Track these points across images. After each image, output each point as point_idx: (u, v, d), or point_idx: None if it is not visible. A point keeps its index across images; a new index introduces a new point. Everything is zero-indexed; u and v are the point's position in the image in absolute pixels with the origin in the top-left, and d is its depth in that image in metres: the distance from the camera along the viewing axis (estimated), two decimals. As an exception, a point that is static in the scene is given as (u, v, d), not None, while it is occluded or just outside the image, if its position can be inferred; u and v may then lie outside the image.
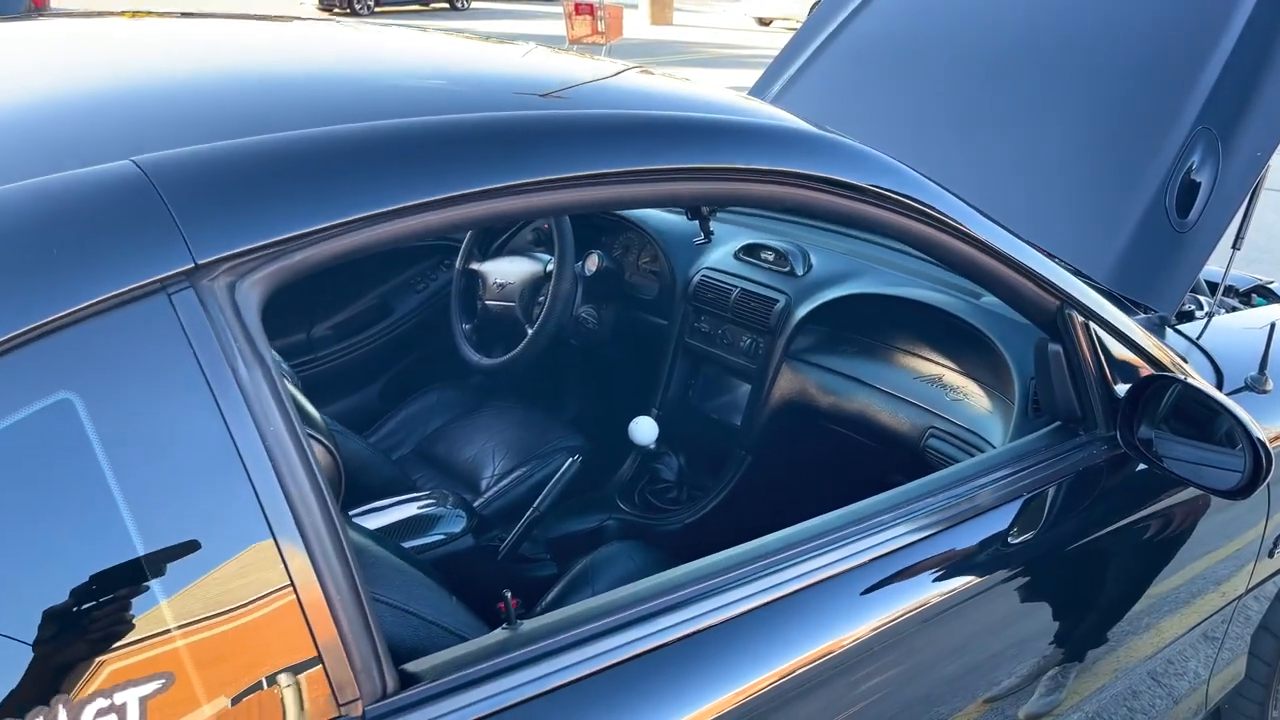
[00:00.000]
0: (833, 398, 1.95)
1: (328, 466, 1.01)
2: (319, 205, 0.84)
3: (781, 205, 1.19)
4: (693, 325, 2.25)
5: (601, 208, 1.08)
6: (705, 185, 1.10)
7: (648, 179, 1.05)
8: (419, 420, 2.47)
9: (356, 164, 0.88)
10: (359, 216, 0.86)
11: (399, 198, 0.88)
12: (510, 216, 0.96)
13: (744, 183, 1.12)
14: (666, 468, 2.25)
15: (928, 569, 1.23)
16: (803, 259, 2.14)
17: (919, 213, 1.24)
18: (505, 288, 2.33)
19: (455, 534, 1.80)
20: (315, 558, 0.79)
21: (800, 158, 1.16)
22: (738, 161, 1.10)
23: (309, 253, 0.84)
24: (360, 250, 0.88)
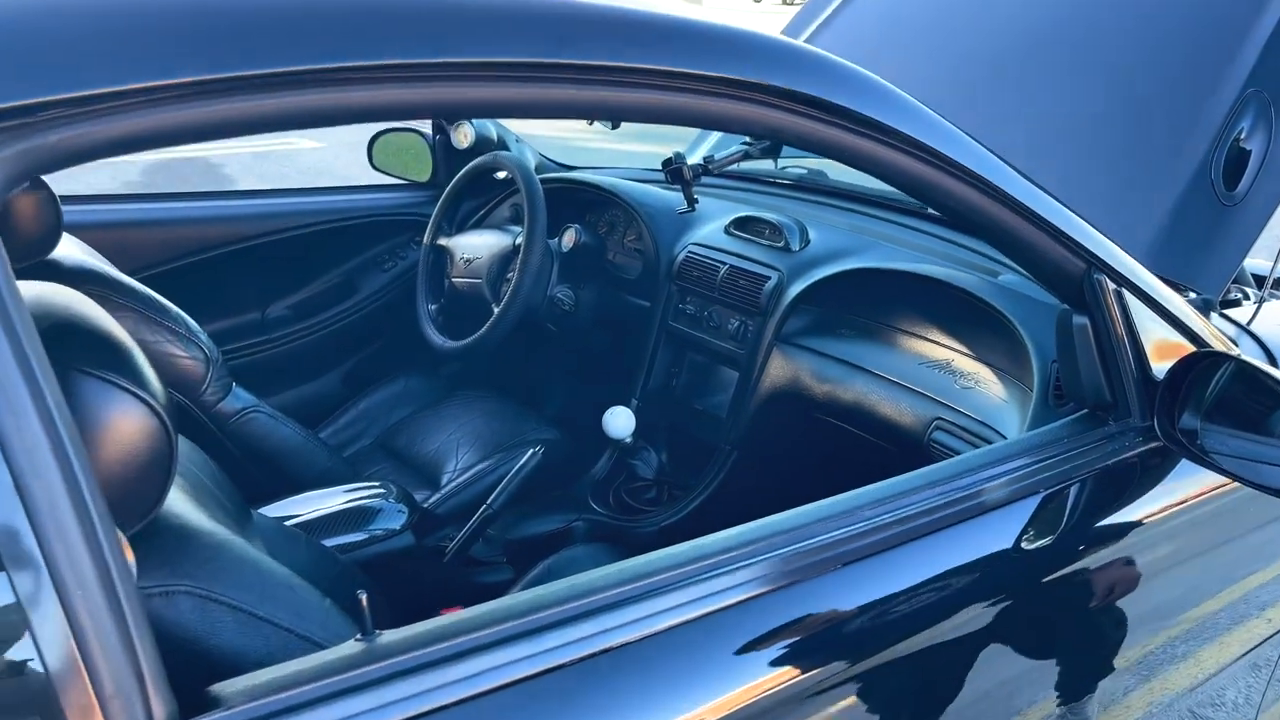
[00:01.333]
0: (828, 386, 1.73)
1: (143, 435, 0.80)
2: (92, 60, 0.63)
3: (751, 127, 0.97)
4: (677, 307, 2.03)
5: (486, 110, 0.87)
6: (645, 95, 0.89)
7: (564, 77, 0.84)
8: (381, 410, 2.27)
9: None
10: (143, 86, 0.65)
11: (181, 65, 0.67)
12: (353, 112, 0.75)
13: (698, 94, 0.91)
14: (644, 464, 2.03)
15: (923, 575, 1.00)
16: (799, 233, 1.92)
17: (921, 149, 1.02)
18: (472, 264, 2.12)
19: (394, 530, 1.59)
20: (48, 545, 0.58)
21: (780, 71, 0.94)
22: (692, 66, 0.89)
23: (70, 133, 0.63)
24: (140, 139, 0.67)
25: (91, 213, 2.01)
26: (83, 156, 0.67)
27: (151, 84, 0.66)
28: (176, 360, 1.55)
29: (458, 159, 2.39)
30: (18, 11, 0.63)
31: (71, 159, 0.66)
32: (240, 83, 0.67)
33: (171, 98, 0.67)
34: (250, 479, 1.66)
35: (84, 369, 0.79)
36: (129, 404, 0.81)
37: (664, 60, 0.89)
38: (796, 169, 2.30)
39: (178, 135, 0.70)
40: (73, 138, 0.65)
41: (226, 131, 0.69)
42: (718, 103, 0.94)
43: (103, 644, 0.59)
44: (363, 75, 0.71)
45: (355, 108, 0.72)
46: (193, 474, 1.09)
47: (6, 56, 0.61)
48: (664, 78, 0.89)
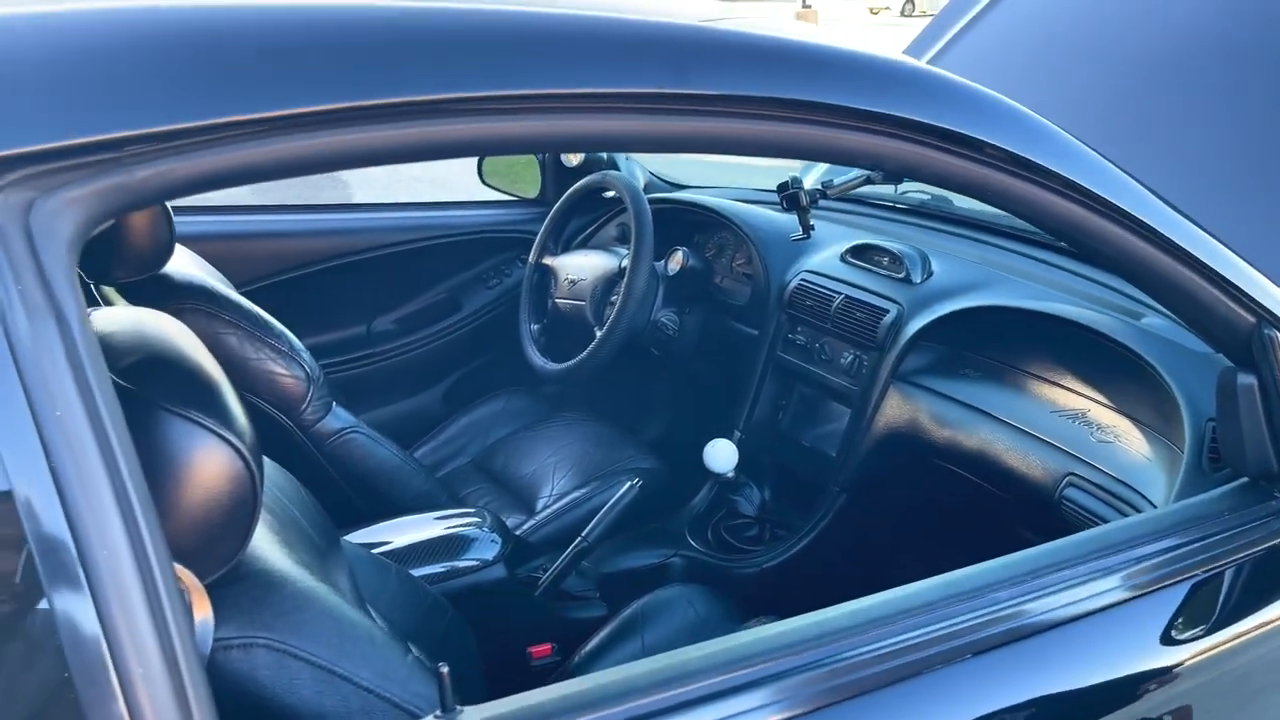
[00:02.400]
0: (949, 430, 1.61)
1: (226, 479, 0.76)
2: (179, 94, 0.59)
3: (885, 163, 0.88)
4: (786, 337, 1.94)
5: (600, 144, 0.80)
6: (768, 126, 0.81)
7: (684, 108, 0.77)
8: (480, 429, 2.24)
9: (248, 47, 0.62)
10: (235, 120, 0.60)
11: (306, 96, 0.62)
12: (466, 145, 0.69)
13: (828, 127, 0.83)
14: (746, 500, 1.94)
15: (1057, 669, 0.89)
16: (921, 264, 1.81)
17: (1077, 191, 0.92)
18: (577, 285, 2.07)
19: (486, 561, 1.54)
20: (107, 605, 0.54)
21: (926, 104, 0.86)
22: (823, 95, 0.81)
23: (156, 169, 0.59)
24: (232, 174, 0.62)
25: (205, 224, 2.04)
26: (171, 193, 0.63)
27: (243, 118, 0.62)
28: (278, 378, 1.53)
29: (566, 176, 2.35)
30: (92, 38, 0.59)
31: (159, 196, 0.62)
32: (332, 116, 0.62)
33: (262, 132, 0.63)
34: (345, 500, 1.65)
35: (169, 406, 0.76)
36: (213, 446, 0.77)
37: (794, 90, 0.81)
38: (918, 194, 2.18)
39: (270, 170, 0.66)
40: (160, 174, 0.61)
41: (311, 167, 0.64)
42: (853, 137, 0.85)
43: (155, 703, 0.54)
44: (467, 107, 0.66)
45: (458, 141, 0.67)
46: (281, 507, 1.06)
47: (88, 86, 0.57)
48: (794, 109, 0.82)
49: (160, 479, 0.75)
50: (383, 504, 1.66)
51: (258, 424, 1.56)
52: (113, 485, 0.56)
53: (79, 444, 0.55)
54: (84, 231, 0.58)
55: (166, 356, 0.82)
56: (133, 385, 0.77)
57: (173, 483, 0.75)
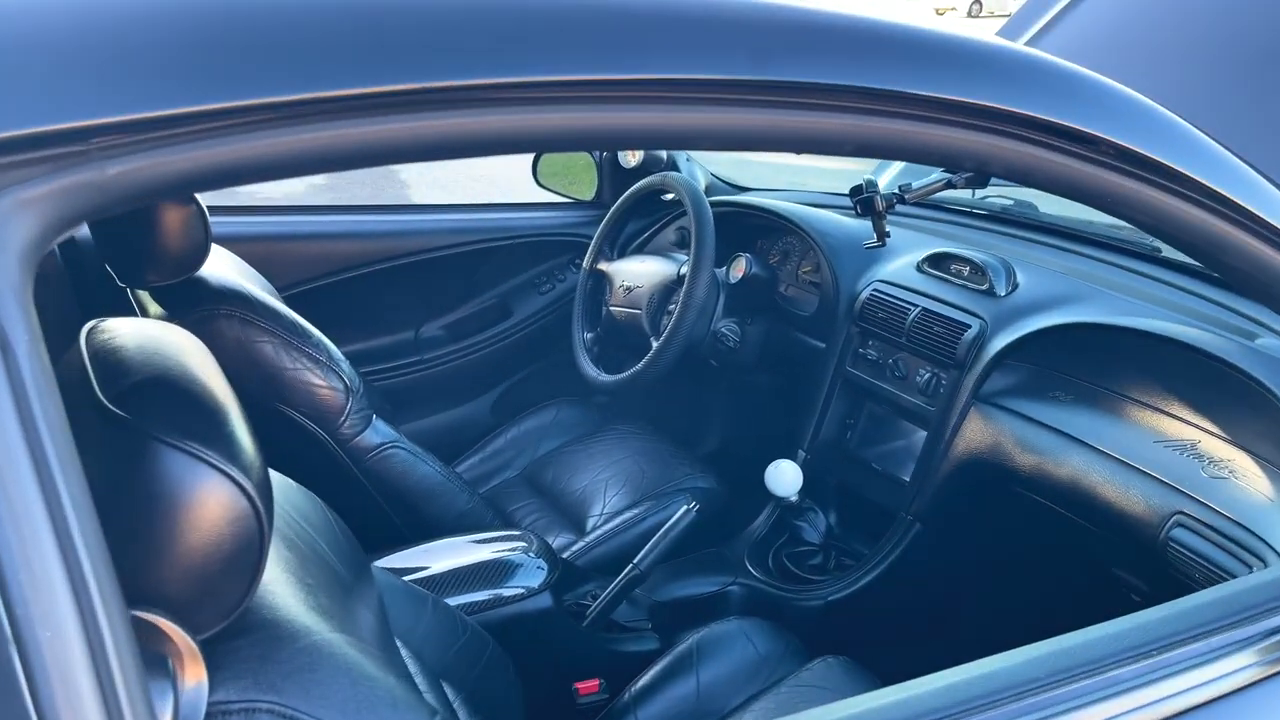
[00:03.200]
0: (1037, 458, 1.47)
1: (228, 521, 0.66)
2: (163, 74, 0.49)
3: (988, 165, 0.76)
4: (857, 351, 1.81)
5: (679, 142, 0.69)
6: (852, 121, 0.70)
7: (762, 98, 0.66)
8: (530, 440, 2.14)
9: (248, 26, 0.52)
10: (230, 106, 0.50)
11: (332, 77, 0.52)
12: (513, 141, 0.58)
13: (938, 123, 0.71)
14: (810, 526, 1.81)
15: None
16: (1006, 275, 1.66)
17: (1221, 202, 0.79)
18: (633, 292, 1.96)
19: (531, 589, 1.44)
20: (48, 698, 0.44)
21: (1038, 95, 0.74)
22: (939, 89, 0.69)
23: (133, 164, 0.49)
24: (233, 170, 0.52)
25: (250, 224, 1.97)
26: (154, 193, 0.53)
27: (240, 104, 0.52)
28: (315, 389, 1.45)
29: (623, 178, 2.25)
30: (51, 7, 0.49)
31: (139, 195, 0.53)
32: (337, 103, 0.52)
33: (266, 120, 0.53)
34: (384, 520, 1.56)
35: (163, 437, 0.66)
36: (213, 483, 0.67)
37: (888, 80, 0.69)
38: (999, 199, 2.04)
39: (284, 165, 0.56)
40: (139, 170, 0.51)
41: (316, 166, 0.54)
42: (956, 135, 0.73)
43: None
44: (500, 95, 0.55)
45: (487, 137, 0.56)
46: (304, 537, 0.96)
47: (46, 65, 0.48)
48: (885, 101, 0.70)
49: (152, 520, 0.65)
50: (423, 524, 1.57)
51: (292, 438, 1.49)
52: (61, 555, 0.46)
53: (17, 499, 0.45)
54: (42, 239, 0.48)
55: (167, 378, 0.73)
56: (126, 412, 0.67)
57: (166, 525, 0.66)
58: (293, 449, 1.49)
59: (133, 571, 0.63)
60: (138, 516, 0.66)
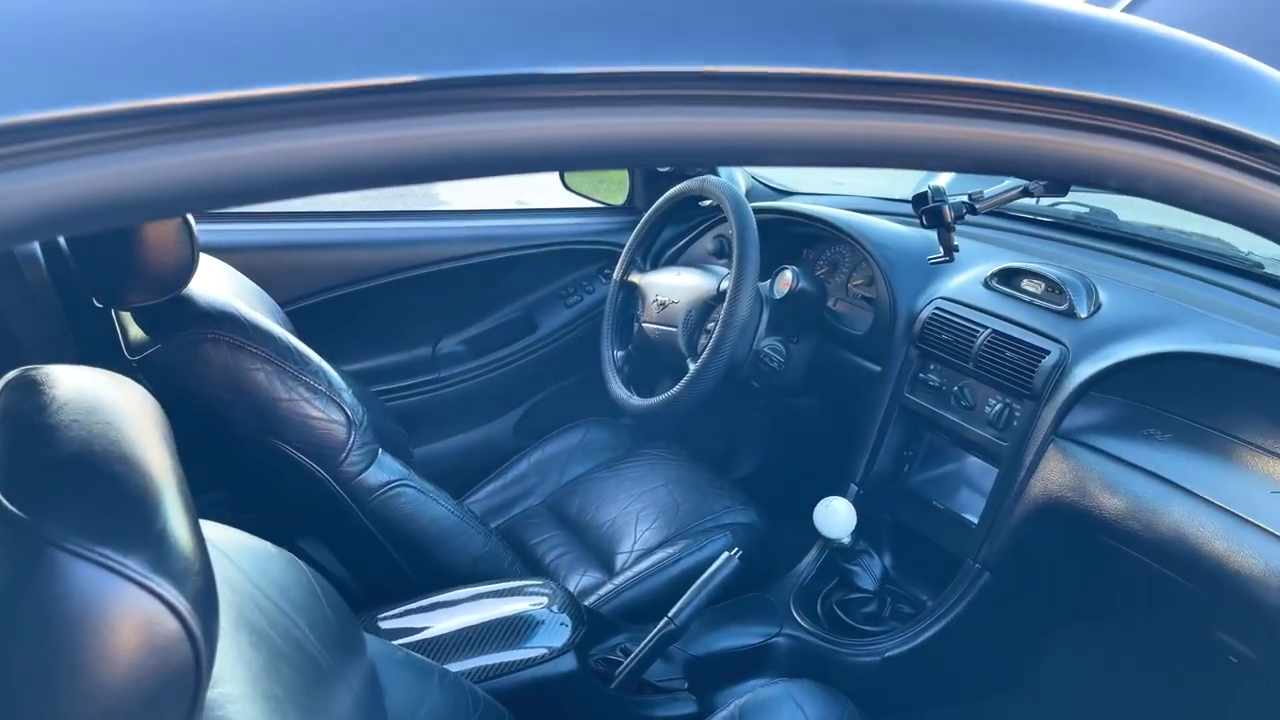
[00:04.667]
0: (1128, 505, 1.29)
1: (150, 650, 0.50)
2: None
3: (1140, 184, 0.59)
4: (917, 376, 1.63)
5: (815, 158, 0.53)
6: (995, 129, 0.54)
7: (872, 97, 0.50)
8: (554, 465, 1.98)
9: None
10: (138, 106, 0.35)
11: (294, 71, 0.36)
12: (617, 153, 0.42)
13: (1088, 131, 0.55)
14: (863, 570, 1.63)
15: None
16: (1088, 293, 1.48)
17: None
18: (668, 308, 1.80)
19: (554, 650, 1.28)
20: None
21: (1197, 91, 0.57)
22: (1099, 88, 0.53)
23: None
24: (151, 199, 0.36)
25: (251, 233, 1.82)
26: (21, 231, 0.37)
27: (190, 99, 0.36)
28: (313, 422, 1.30)
29: (657, 182, 2.08)
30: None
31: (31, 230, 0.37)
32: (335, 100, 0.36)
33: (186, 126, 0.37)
34: (391, 566, 1.40)
35: (67, 544, 0.51)
36: (131, 601, 0.51)
37: (1045, 76, 0.52)
38: (1072, 205, 1.85)
39: (248, 189, 0.40)
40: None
41: (271, 193, 0.38)
42: (1112, 146, 0.56)
43: None
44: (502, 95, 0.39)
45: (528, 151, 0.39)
46: (279, 625, 0.80)
47: None
48: (1035, 104, 0.53)
49: (49, 654, 0.50)
50: (434, 570, 1.42)
51: (287, 476, 1.33)
52: None
53: None
54: None
55: (83, 459, 0.57)
56: (23, 508, 0.52)
57: (68, 659, 0.50)
58: (288, 488, 1.34)
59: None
60: (33, 648, 0.50)
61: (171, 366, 1.25)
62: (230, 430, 1.30)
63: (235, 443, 1.32)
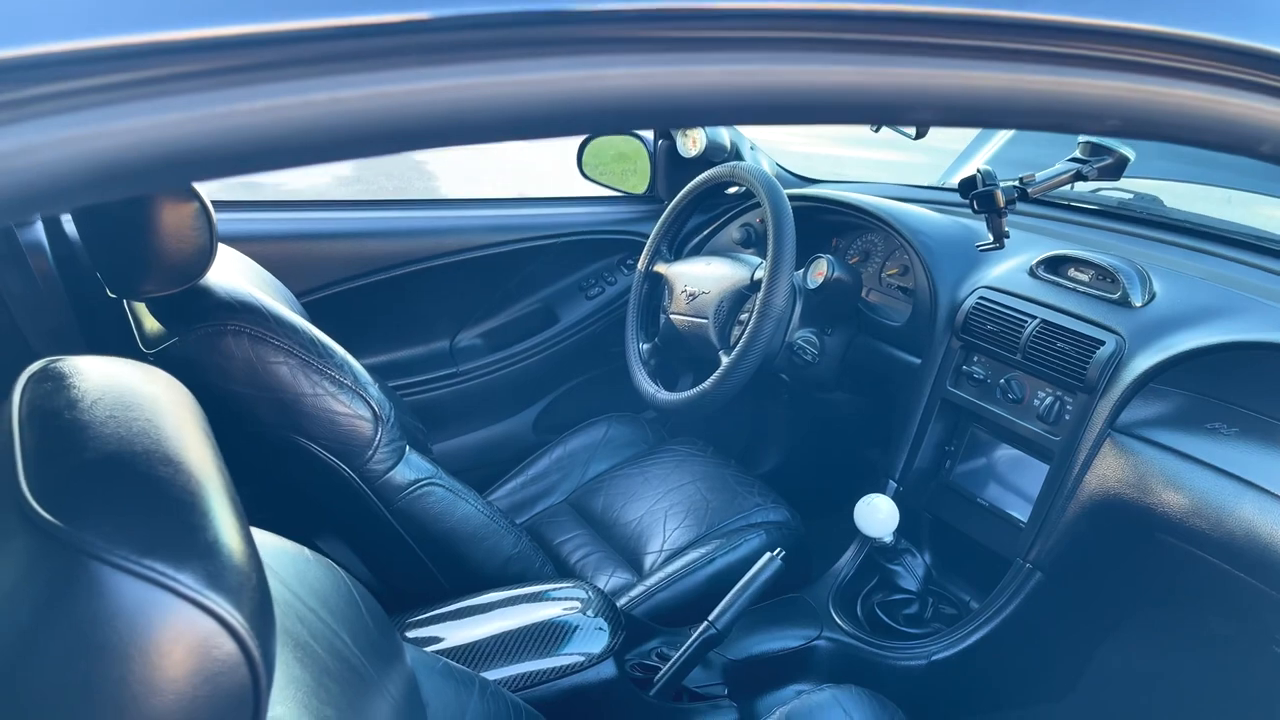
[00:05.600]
0: (1193, 502, 1.23)
1: (205, 676, 0.44)
2: None
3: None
4: (959, 368, 1.57)
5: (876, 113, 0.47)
6: (1150, 84, 0.48)
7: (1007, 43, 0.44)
8: (577, 462, 1.92)
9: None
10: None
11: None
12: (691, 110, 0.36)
13: (1243, 88, 0.49)
14: (905, 570, 1.57)
15: None
16: (1141, 282, 1.42)
17: None
18: (697, 299, 1.73)
19: (592, 656, 1.22)
20: None
21: None
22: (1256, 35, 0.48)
23: (57, 134, 0.27)
24: (198, 156, 0.30)
25: (264, 221, 1.76)
26: (103, 185, 0.31)
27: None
28: (339, 418, 1.23)
29: (681, 169, 2.02)
30: None
31: (71, 192, 0.31)
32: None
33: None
34: (418, 569, 1.34)
35: (111, 556, 0.44)
36: (186, 620, 0.45)
37: (1198, 21, 0.46)
38: (1116, 192, 1.79)
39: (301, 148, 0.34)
40: (67, 143, 0.29)
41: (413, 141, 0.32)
42: (1267, 105, 0.50)
43: None
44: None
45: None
46: (322, 637, 0.74)
47: None
48: (1189, 54, 0.47)
49: (92, 680, 0.44)
50: (464, 573, 1.35)
51: (311, 475, 1.27)
52: None
53: None
54: None
55: (121, 460, 0.51)
56: (59, 516, 0.46)
57: (112, 688, 0.44)
58: (312, 487, 1.28)
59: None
60: (70, 677, 0.44)
61: (190, 360, 1.18)
62: (250, 426, 1.23)
63: (255, 439, 1.25)
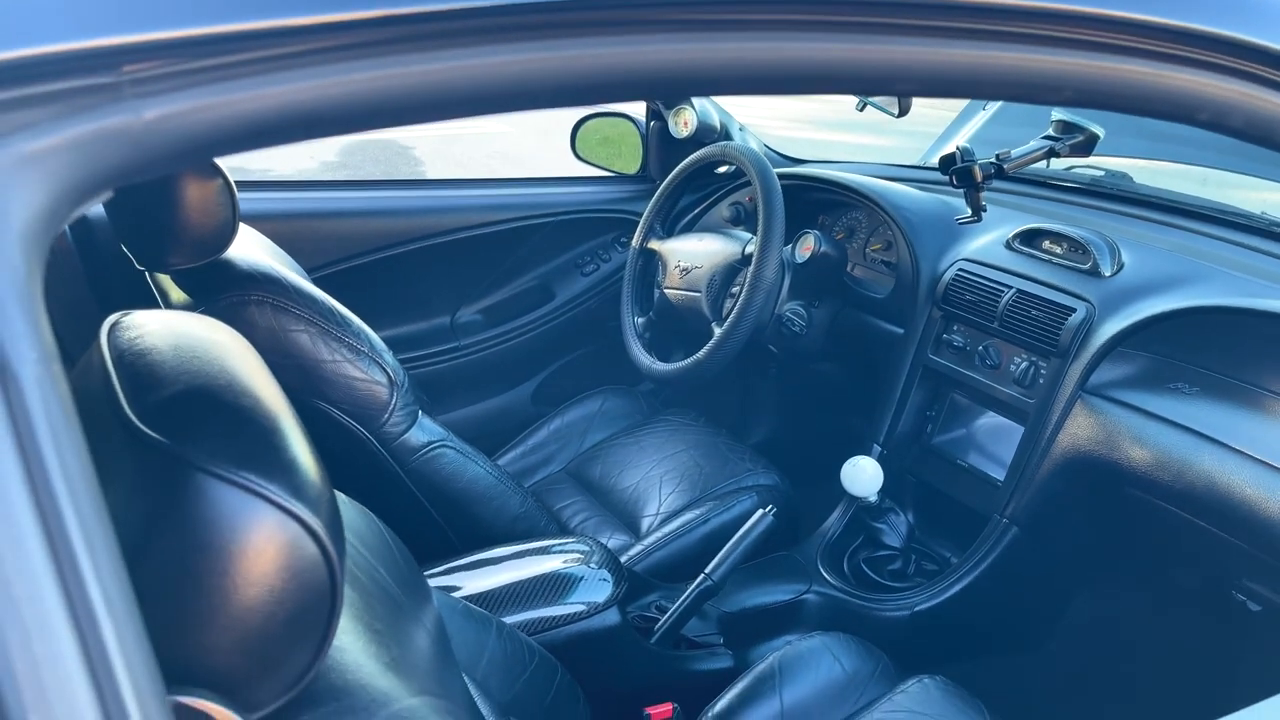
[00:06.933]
0: (1158, 457, 1.32)
1: (292, 574, 0.52)
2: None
3: (1234, 119, 0.61)
4: (940, 337, 1.65)
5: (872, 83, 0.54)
6: (1097, 60, 0.55)
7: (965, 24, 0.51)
8: (574, 432, 2.00)
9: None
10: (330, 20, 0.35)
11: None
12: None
13: (1181, 64, 0.57)
14: (889, 528, 1.66)
15: None
16: (1111, 253, 1.51)
17: None
18: (690, 273, 1.81)
19: (597, 605, 1.30)
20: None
21: None
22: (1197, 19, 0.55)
23: (183, 104, 0.34)
24: (309, 120, 0.37)
25: (268, 200, 1.82)
26: (209, 147, 0.38)
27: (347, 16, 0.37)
28: (356, 383, 1.30)
29: (672, 150, 2.09)
30: None
31: (188, 152, 0.38)
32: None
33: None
34: (431, 526, 1.42)
35: (212, 467, 0.52)
36: (275, 524, 0.53)
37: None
38: (1088, 169, 1.87)
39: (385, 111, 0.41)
40: (190, 113, 0.36)
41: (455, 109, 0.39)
42: (1203, 79, 0.58)
43: None
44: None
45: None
46: (366, 569, 0.82)
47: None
48: (1130, 34, 0.55)
49: (197, 576, 0.51)
50: (475, 530, 1.43)
51: (332, 437, 1.34)
52: (77, 630, 0.32)
53: (16, 555, 0.30)
54: (53, 213, 0.34)
55: (211, 389, 0.58)
56: (161, 434, 0.53)
57: (215, 581, 0.51)
58: (332, 450, 1.34)
59: (172, 644, 0.49)
60: (178, 572, 0.51)
61: (215, 328, 1.25)
62: (272, 393, 1.30)
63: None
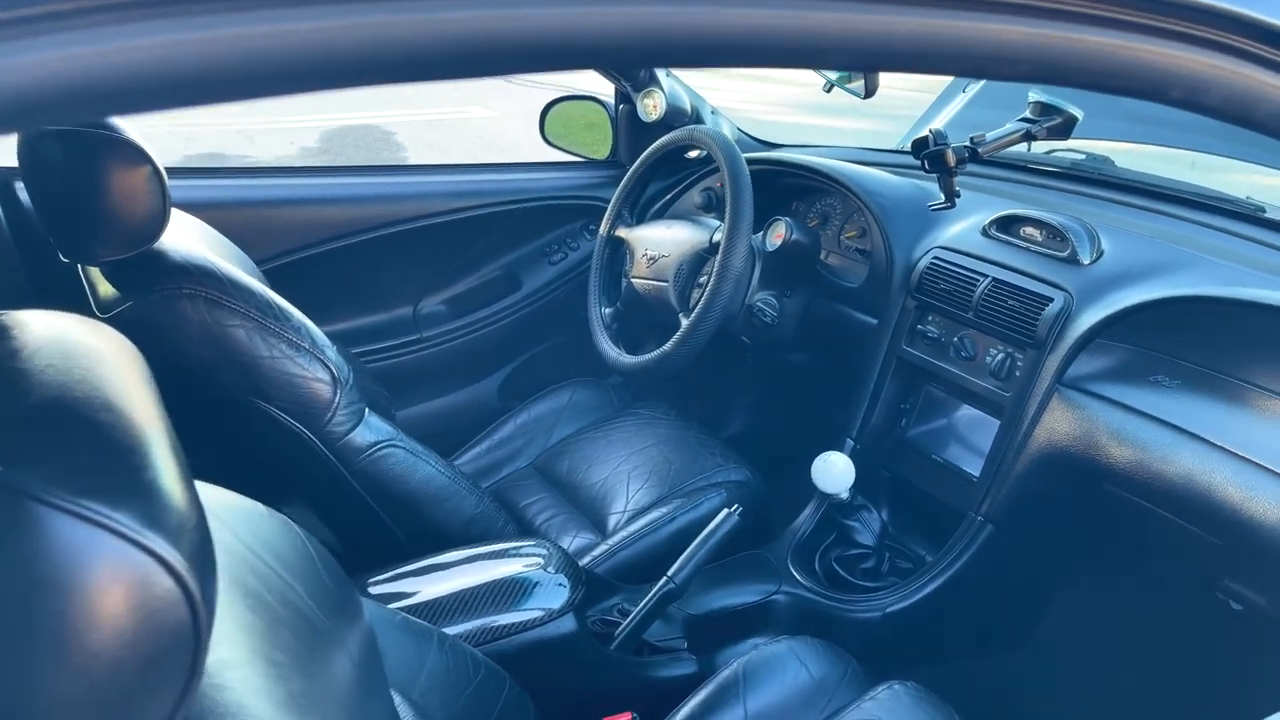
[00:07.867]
0: (1137, 453, 1.26)
1: (142, 616, 0.46)
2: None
3: (1211, 95, 0.55)
4: (914, 327, 1.59)
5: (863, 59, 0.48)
6: (1056, 30, 0.49)
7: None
8: (541, 427, 1.94)
9: None
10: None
11: None
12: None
13: (1152, 35, 0.51)
14: (862, 526, 1.60)
15: None
16: (1090, 240, 1.45)
17: None
18: (657, 262, 1.75)
19: (552, 611, 1.24)
20: None
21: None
22: None
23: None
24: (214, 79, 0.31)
25: (222, 189, 1.75)
26: (44, 108, 0.32)
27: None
28: (296, 380, 1.24)
29: (642, 134, 2.02)
30: None
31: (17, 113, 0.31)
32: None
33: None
34: (380, 530, 1.36)
35: (48, 497, 0.45)
36: (122, 559, 0.46)
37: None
38: (1068, 153, 1.82)
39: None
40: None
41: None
42: (1174, 51, 0.52)
43: None
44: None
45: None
46: (276, 589, 0.76)
47: None
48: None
49: (32, 621, 0.45)
50: (426, 533, 1.37)
51: (271, 437, 1.27)
52: None
53: None
54: None
55: (63, 405, 0.52)
56: (1, 460, 0.46)
57: (52, 626, 0.45)
58: (272, 450, 1.29)
59: (8, 696, 0.43)
60: (9, 617, 0.45)
61: (145, 324, 1.18)
62: (209, 391, 1.24)
63: (214, 404, 1.26)
